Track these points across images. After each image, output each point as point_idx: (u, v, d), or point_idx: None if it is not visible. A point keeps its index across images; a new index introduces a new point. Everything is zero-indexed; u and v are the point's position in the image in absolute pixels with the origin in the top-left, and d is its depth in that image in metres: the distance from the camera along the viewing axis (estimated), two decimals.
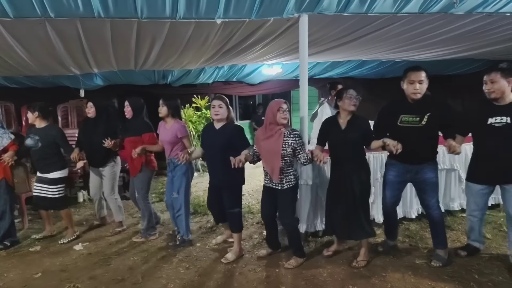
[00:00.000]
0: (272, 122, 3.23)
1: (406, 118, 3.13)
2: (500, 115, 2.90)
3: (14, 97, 6.60)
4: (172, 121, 3.90)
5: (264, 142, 3.26)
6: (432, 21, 3.96)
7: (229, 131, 3.47)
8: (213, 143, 3.50)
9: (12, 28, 3.43)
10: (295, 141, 3.21)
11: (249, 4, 3.27)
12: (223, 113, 3.46)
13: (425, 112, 3.06)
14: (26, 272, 3.51)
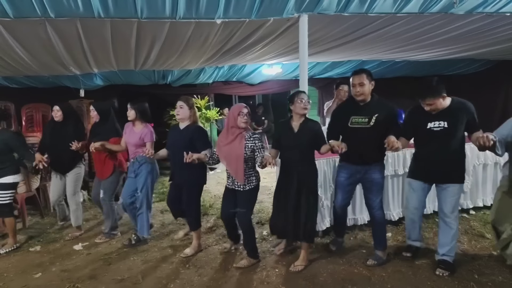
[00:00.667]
0: (233, 126, 3.32)
1: (356, 119, 3.23)
2: (439, 120, 3.04)
3: (14, 97, 6.59)
4: (141, 125, 4.00)
5: (226, 146, 3.34)
6: (432, 21, 3.96)
7: (191, 131, 3.57)
8: (175, 143, 3.62)
9: (12, 28, 3.44)
10: (255, 144, 3.30)
11: (249, 4, 3.27)
12: (183, 113, 3.58)
13: (373, 113, 3.18)
14: (26, 272, 3.51)
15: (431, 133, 3.06)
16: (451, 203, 3.14)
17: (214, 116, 8.09)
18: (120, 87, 7.73)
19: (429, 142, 3.12)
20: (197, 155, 3.31)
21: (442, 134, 3.02)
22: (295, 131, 3.28)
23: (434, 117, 3.05)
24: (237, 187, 3.37)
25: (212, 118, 8.05)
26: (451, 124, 3.01)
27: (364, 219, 4.14)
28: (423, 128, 3.09)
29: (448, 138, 3.03)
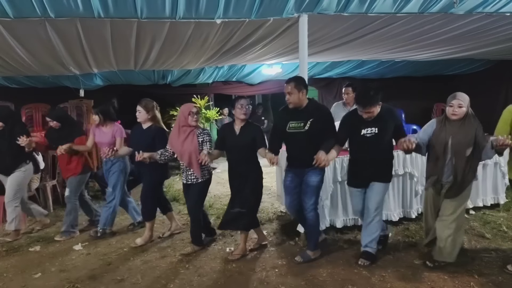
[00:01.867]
0: (185, 125, 3.61)
1: (293, 124, 3.35)
2: (371, 127, 3.20)
3: (14, 97, 6.61)
4: (110, 125, 4.25)
5: (181, 143, 3.58)
6: (432, 21, 3.96)
7: (153, 132, 3.87)
8: (139, 141, 3.89)
9: (12, 28, 3.44)
10: (203, 138, 3.62)
11: (249, 4, 3.27)
12: (141, 117, 3.88)
13: (308, 118, 3.29)
14: (25, 272, 3.51)
15: (364, 139, 3.23)
16: (375, 200, 3.31)
17: (214, 116, 8.09)
18: (120, 87, 7.73)
19: (362, 147, 3.29)
20: (148, 154, 3.60)
21: (373, 139, 3.20)
22: (237, 134, 3.52)
23: (366, 123, 3.21)
24: (190, 181, 3.67)
25: (212, 118, 8.05)
26: (381, 130, 3.19)
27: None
28: (358, 134, 3.24)
29: (378, 142, 3.22)
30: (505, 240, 3.78)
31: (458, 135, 3.02)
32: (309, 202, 3.42)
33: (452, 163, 3.05)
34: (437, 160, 3.12)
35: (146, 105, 3.89)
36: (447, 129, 3.07)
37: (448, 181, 3.10)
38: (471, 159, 3.03)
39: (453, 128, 3.05)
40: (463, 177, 3.05)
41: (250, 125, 3.57)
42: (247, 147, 3.48)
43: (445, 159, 3.07)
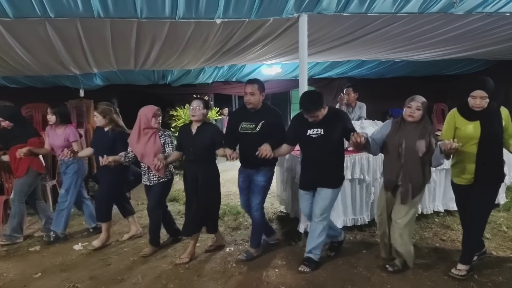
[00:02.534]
0: (147, 127, 3.64)
1: (245, 125, 3.44)
2: (316, 128, 3.22)
3: (14, 97, 6.58)
4: (63, 127, 4.20)
5: (143, 145, 3.62)
6: (431, 21, 3.96)
7: (114, 135, 3.89)
8: (99, 143, 3.93)
9: (12, 28, 3.43)
10: (165, 140, 3.70)
11: (249, 4, 3.27)
12: (99, 121, 3.91)
13: (260, 119, 3.38)
14: (26, 272, 3.51)
15: (310, 139, 3.23)
16: (321, 206, 3.26)
17: (214, 116, 8.08)
18: (120, 87, 7.73)
19: (308, 148, 3.30)
20: (112, 157, 3.64)
21: (319, 140, 3.20)
22: (193, 134, 3.54)
23: (312, 125, 3.22)
24: (152, 182, 3.70)
25: (211, 118, 8.05)
26: (327, 131, 3.19)
27: (364, 219, 4.15)
28: (304, 135, 3.26)
29: (325, 144, 3.20)
30: (505, 240, 3.78)
31: (413, 138, 2.97)
32: (255, 201, 3.51)
33: (406, 166, 3.00)
34: (392, 163, 3.08)
35: (102, 110, 3.89)
36: (401, 132, 3.04)
37: (402, 184, 3.04)
38: (424, 163, 2.99)
39: (408, 131, 3.01)
40: (416, 181, 3.01)
41: (207, 125, 3.60)
42: (203, 147, 3.48)
43: (399, 161, 3.02)
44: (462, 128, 2.98)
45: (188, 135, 3.56)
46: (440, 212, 4.49)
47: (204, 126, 3.55)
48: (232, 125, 3.59)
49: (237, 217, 4.75)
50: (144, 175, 3.76)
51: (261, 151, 3.15)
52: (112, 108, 3.97)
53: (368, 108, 5.67)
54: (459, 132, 3.01)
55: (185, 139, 3.60)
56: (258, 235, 3.65)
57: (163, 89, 8.14)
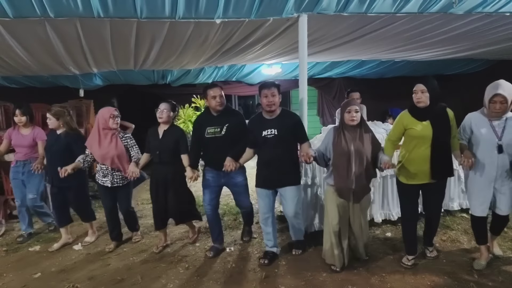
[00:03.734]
0: (105, 128, 3.68)
1: (211, 129, 3.50)
2: (270, 128, 3.30)
3: (14, 97, 6.58)
4: (29, 127, 4.23)
5: (105, 147, 3.66)
6: (431, 21, 3.96)
7: (68, 138, 3.86)
8: (53, 147, 3.86)
9: (12, 28, 3.43)
10: (128, 143, 3.77)
11: (249, 4, 3.27)
12: (52, 124, 3.87)
13: (225, 122, 3.46)
14: (25, 272, 3.51)
15: (265, 139, 3.30)
16: (291, 206, 3.38)
17: None
18: (119, 87, 7.71)
19: (265, 149, 3.34)
20: (71, 166, 3.61)
21: (274, 140, 3.27)
22: (160, 137, 3.62)
23: (267, 125, 3.31)
24: (116, 183, 3.76)
25: None
26: (280, 131, 3.27)
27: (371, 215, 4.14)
28: (259, 135, 3.32)
29: (279, 144, 3.27)
30: (505, 240, 3.78)
31: (358, 141, 3.06)
32: (247, 201, 3.76)
33: (357, 169, 3.05)
34: (343, 169, 3.08)
35: (55, 112, 3.85)
36: (346, 137, 3.09)
37: (355, 188, 3.08)
38: (370, 163, 3.09)
39: (352, 135, 3.08)
40: (367, 181, 3.12)
41: (173, 128, 3.68)
42: (169, 150, 3.56)
43: (350, 166, 3.05)
44: (414, 128, 3.11)
45: (155, 138, 3.65)
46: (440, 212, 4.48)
47: (171, 129, 3.64)
48: (196, 132, 3.64)
49: (237, 217, 4.75)
50: (105, 177, 3.76)
51: (226, 168, 3.26)
52: (66, 111, 3.93)
53: (368, 108, 5.67)
54: (411, 132, 3.12)
55: (153, 141, 3.67)
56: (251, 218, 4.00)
57: (163, 89, 8.12)
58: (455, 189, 4.48)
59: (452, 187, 4.47)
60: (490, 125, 3.03)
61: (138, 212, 4.95)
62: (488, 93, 2.97)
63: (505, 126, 2.99)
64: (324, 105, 9.44)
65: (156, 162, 3.66)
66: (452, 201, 4.49)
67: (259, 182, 3.45)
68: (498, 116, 2.99)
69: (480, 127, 3.07)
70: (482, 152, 3.06)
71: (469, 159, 2.94)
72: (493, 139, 3.00)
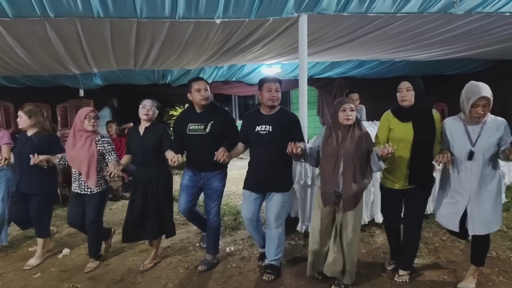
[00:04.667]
0: (80, 129, 3.39)
1: (193, 126, 3.28)
2: (265, 124, 3.10)
3: (14, 97, 6.59)
4: None
5: (77, 149, 3.35)
6: (431, 21, 3.96)
7: (41, 140, 3.55)
8: (23, 150, 3.53)
9: (12, 28, 3.43)
10: (104, 147, 3.40)
11: (249, 4, 3.27)
12: (22, 123, 3.55)
13: (209, 120, 3.25)
14: (25, 272, 3.50)
15: (258, 136, 3.10)
16: (274, 211, 3.13)
17: None
18: (119, 87, 7.72)
19: (257, 147, 3.15)
20: (44, 156, 3.37)
21: (268, 138, 3.07)
22: (141, 135, 3.38)
23: (261, 121, 3.12)
24: (84, 190, 3.41)
25: None
26: (274, 128, 3.06)
27: (364, 219, 4.13)
28: (252, 131, 3.14)
29: (273, 142, 3.05)
30: (505, 240, 3.78)
31: (349, 142, 2.80)
32: (214, 207, 3.39)
33: (345, 171, 2.80)
34: (330, 171, 2.84)
35: (28, 110, 3.55)
36: (338, 137, 2.85)
37: (344, 191, 2.81)
38: (363, 167, 2.85)
39: (344, 135, 2.84)
40: (357, 187, 2.81)
41: (155, 126, 3.42)
42: (151, 148, 3.32)
43: (337, 168, 2.82)
44: (395, 129, 2.94)
45: (136, 137, 3.39)
46: None
47: (152, 127, 3.39)
48: (177, 128, 3.44)
49: (237, 217, 4.75)
50: (74, 182, 3.45)
51: (218, 156, 3.01)
52: (40, 111, 3.64)
53: (368, 108, 5.68)
54: (392, 133, 2.96)
55: (133, 141, 3.42)
56: (216, 241, 3.51)
57: (163, 89, 8.12)
58: None
59: None
60: (465, 130, 2.78)
61: None
62: (468, 97, 2.68)
63: (481, 131, 2.72)
64: (324, 105, 9.45)
65: (140, 163, 3.41)
66: None
67: (247, 184, 3.23)
68: (480, 121, 2.72)
69: (454, 133, 2.83)
70: (456, 159, 2.81)
71: (445, 154, 2.73)
72: (466, 145, 2.74)
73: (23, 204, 3.62)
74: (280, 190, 3.12)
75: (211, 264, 3.46)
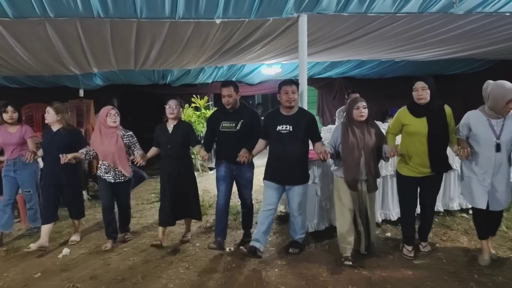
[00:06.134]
0: (105, 126, 3.82)
1: (226, 124, 3.70)
2: (285, 124, 3.42)
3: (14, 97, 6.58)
4: (17, 126, 4.19)
5: (106, 145, 3.79)
6: (431, 21, 3.96)
7: (66, 135, 3.90)
8: (51, 144, 3.88)
9: (12, 28, 3.44)
10: (129, 141, 3.91)
11: (249, 4, 3.28)
12: (50, 118, 3.89)
13: (239, 119, 3.65)
14: (26, 272, 3.51)
15: (279, 135, 3.43)
16: (297, 202, 3.53)
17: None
18: (120, 87, 7.73)
19: (278, 144, 3.48)
20: (72, 154, 3.70)
21: (288, 136, 3.40)
22: (170, 132, 3.78)
23: (282, 121, 3.45)
24: (118, 179, 3.90)
25: None
26: (294, 128, 3.40)
27: None
28: (274, 130, 3.46)
29: (293, 140, 3.40)
30: (505, 240, 3.78)
31: (366, 135, 3.25)
32: (249, 193, 3.91)
33: (365, 161, 3.25)
34: (353, 161, 3.26)
35: (57, 107, 3.92)
36: (355, 132, 3.27)
37: (364, 178, 3.30)
38: (376, 156, 3.32)
39: (361, 130, 3.27)
40: (375, 172, 3.34)
41: (183, 123, 3.90)
42: (179, 144, 3.76)
43: (360, 159, 3.25)
44: (411, 124, 3.28)
45: (165, 134, 3.80)
46: (440, 212, 4.48)
47: (180, 124, 3.82)
48: (210, 125, 3.90)
49: (237, 217, 4.75)
50: (108, 173, 3.87)
51: (240, 158, 3.43)
52: (65, 108, 4.02)
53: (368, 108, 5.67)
54: (408, 128, 3.30)
55: (162, 137, 3.82)
56: (250, 219, 4.04)
57: (163, 89, 8.13)
58: (455, 189, 4.48)
59: (452, 187, 4.47)
60: (489, 124, 3.09)
61: (138, 212, 4.96)
62: (503, 94, 2.96)
63: (504, 125, 3.06)
64: (324, 105, 9.45)
65: (166, 156, 3.80)
66: (452, 201, 4.49)
67: (268, 175, 3.58)
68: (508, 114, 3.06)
69: (479, 126, 3.13)
70: (481, 150, 3.13)
71: (465, 149, 3.06)
72: (492, 138, 3.07)
73: (56, 195, 4.02)
74: (299, 182, 3.50)
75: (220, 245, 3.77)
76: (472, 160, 3.19)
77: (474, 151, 3.16)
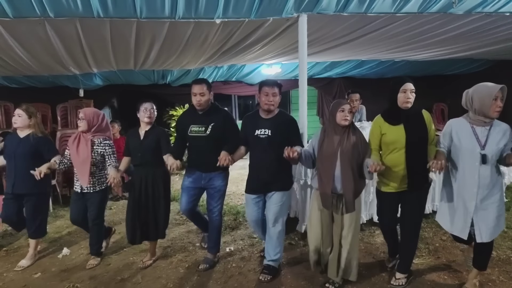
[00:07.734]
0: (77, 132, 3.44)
1: (195, 128, 3.30)
2: (264, 128, 3.11)
3: (14, 97, 6.59)
4: None
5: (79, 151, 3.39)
6: (431, 21, 3.96)
7: (36, 142, 3.49)
8: (16, 152, 3.47)
9: (12, 28, 3.44)
10: (105, 150, 3.43)
11: (248, 4, 3.27)
12: (21, 122, 3.49)
13: (209, 122, 3.26)
14: (25, 272, 3.51)
15: (258, 139, 3.12)
16: (273, 210, 3.14)
17: None
18: (119, 87, 7.73)
19: (257, 149, 3.18)
20: (45, 166, 3.33)
21: (267, 141, 3.09)
22: (141, 138, 3.40)
23: (261, 125, 3.14)
24: (86, 189, 3.43)
25: None
26: (273, 132, 3.09)
27: (363, 218, 4.14)
28: (252, 134, 3.16)
29: (272, 146, 3.06)
30: (505, 240, 3.78)
31: (346, 143, 2.82)
32: (217, 206, 3.42)
33: (342, 173, 2.81)
34: (325, 173, 2.86)
35: (28, 109, 3.52)
36: (333, 139, 2.86)
37: (341, 193, 2.83)
38: (360, 167, 2.85)
39: (341, 136, 2.85)
40: (356, 186, 2.83)
41: (155, 128, 3.45)
42: (151, 151, 3.34)
43: (333, 169, 2.83)
44: (387, 133, 2.86)
45: (136, 140, 3.42)
46: None
47: (152, 130, 3.43)
48: (178, 129, 3.50)
49: (237, 217, 4.75)
50: (77, 181, 3.45)
51: (221, 161, 3.03)
52: (36, 112, 3.63)
53: (368, 108, 5.68)
54: (384, 138, 2.88)
55: (133, 143, 3.44)
56: (218, 240, 3.54)
57: (163, 89, 8.13)
58: None
59: None
60: (473, 132, 2.67)
61: None
62: (488, 92, 2.62)
63: (489, 135, 2.64)
64: (324, 105, 9.45)
65: (137, 165, 3.43)
66: None
67: (248, 187, 3.26)
68: (497, 116, 2.65)
69: (462, 134, 2.71)
70: (464, 163, 2.70)
71: (439, 161, 2.58)
72: (475, 148, 2.63)
73: (17, 205, 3.54)
74: (279, 189, 3.14)
75: (212, 263, 3.47)
76: (453, 177, 2.79)
77: (456, 166, 2.75)
